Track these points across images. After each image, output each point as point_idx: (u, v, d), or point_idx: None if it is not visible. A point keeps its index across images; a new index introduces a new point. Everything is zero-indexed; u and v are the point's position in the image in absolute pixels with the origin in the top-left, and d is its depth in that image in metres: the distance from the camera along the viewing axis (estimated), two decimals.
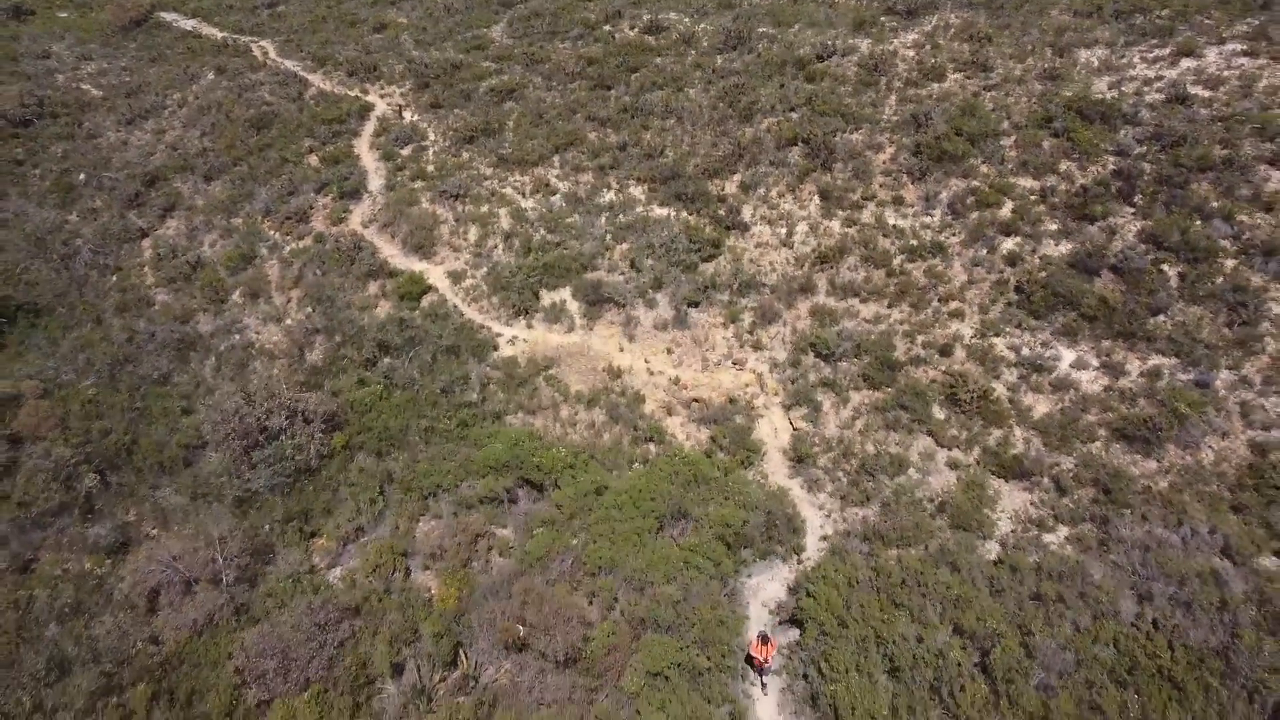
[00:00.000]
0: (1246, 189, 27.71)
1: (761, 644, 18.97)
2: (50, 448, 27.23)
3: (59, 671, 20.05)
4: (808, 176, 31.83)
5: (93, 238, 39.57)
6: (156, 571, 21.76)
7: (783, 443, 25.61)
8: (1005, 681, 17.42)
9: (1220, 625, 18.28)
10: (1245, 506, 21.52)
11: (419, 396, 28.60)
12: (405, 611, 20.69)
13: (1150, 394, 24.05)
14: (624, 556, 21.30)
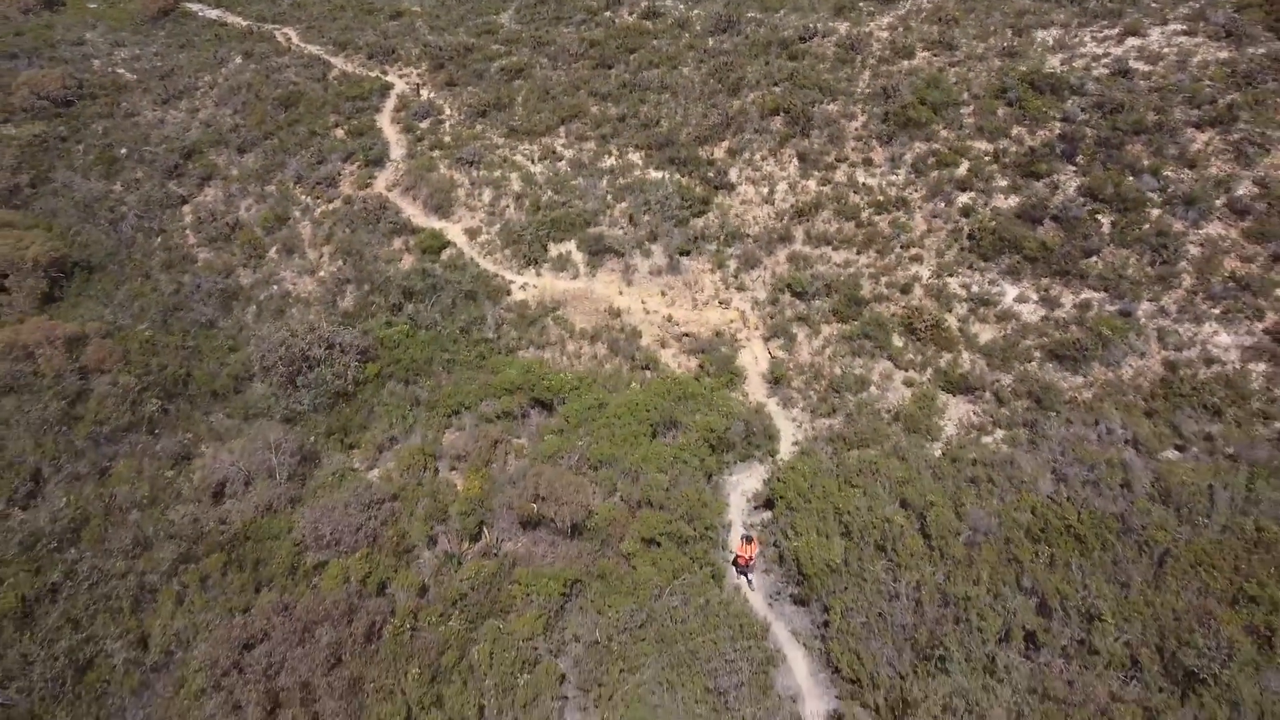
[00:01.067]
0: (1174, 149, 31.10)
1: (745, 544, 21.72)
2: (116, 378, 30.61)
3: (142, 547, 23.48)
4: (788, 142, 35.22)
5: (137, 205, 42.98)
6: (221, 469, 25.18)
7: (762, 368, 29.03)
8: (938, 538, 20.84)
9: (1121, 497, 21.71)
10: (1156, 412, 24.96)
11: (441, 335, 32.01)
12: (435, 497, 24.10)
13: (1080, 322, 27.47)
14: (622, 454, 24.71)
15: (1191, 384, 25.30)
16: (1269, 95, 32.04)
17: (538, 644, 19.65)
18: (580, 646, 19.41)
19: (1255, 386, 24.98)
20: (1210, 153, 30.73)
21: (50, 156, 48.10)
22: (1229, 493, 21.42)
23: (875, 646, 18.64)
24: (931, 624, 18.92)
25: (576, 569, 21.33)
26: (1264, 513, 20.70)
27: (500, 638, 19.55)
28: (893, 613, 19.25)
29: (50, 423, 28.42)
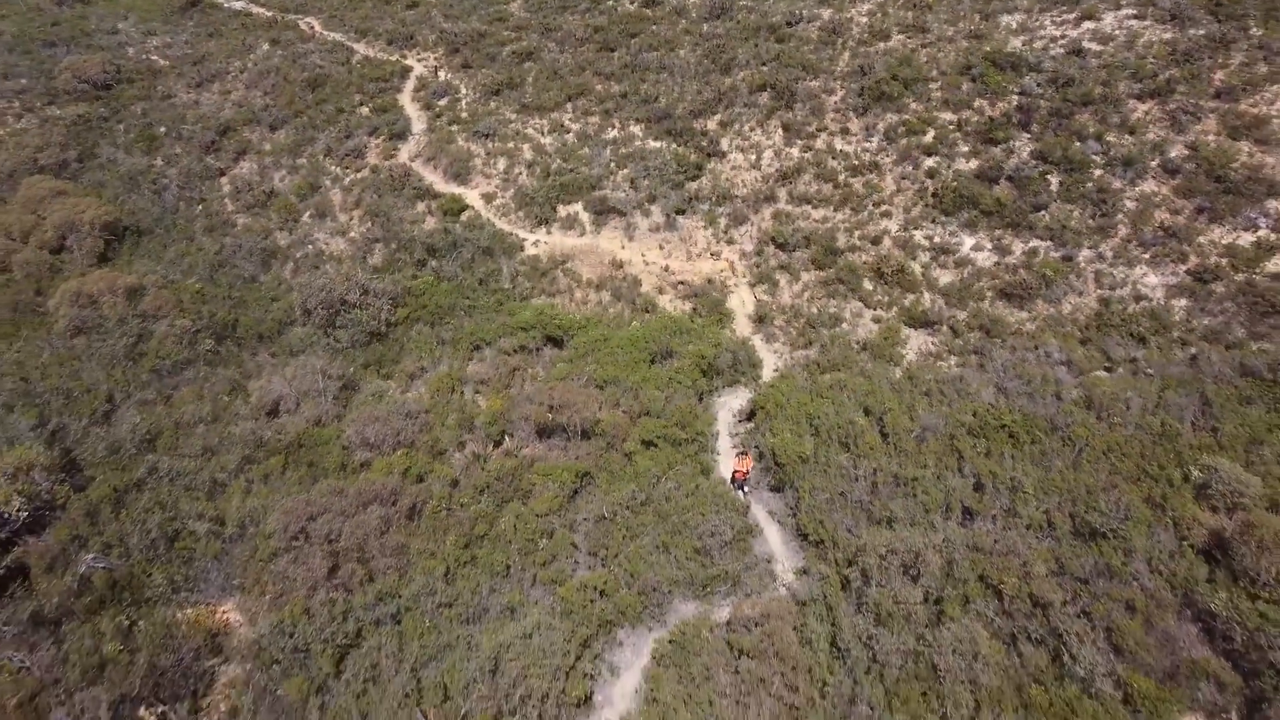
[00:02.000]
0: (1117, 118, 34.57)
1: (741, 459, 24.70)
2: (173, 321, 34.08)
3: (211, 453, 26.97)
4: (774, 114, 38.68)
5: (178, 177, 46.47)
6: (275, 390, 28.68)
7: (748, 310, 32.51)
8: (894, 436, 24.32)
9: (1052, 404, 25.20)
10: (1089, 340, 28.46)
11: (462, 285, 35.50)
12: (463, 412, 27.57)
13: (1028, 266, 30.96)
14: (624, 376, 28.19)
15: (1121, 317, 28.81)
16: (1204, 70, 35.50)
17: (554, 520, 23.15)
18: (589, 521, 22.91)
19: (1176, 318, 28.49)
20: (1148, 121, 34.20)
21: (94, 135, 51.59)
22: (1142, 400, 24.95)
23: (836, 517, 22.13)
24: (884, 499, 22.43)
25: (586, 464, 24.81)
26: (1169, 414, 24.21)
27: (522, 514, 23.06)
28: (852, 491, 22.76)
29: (118, 358, 31.95)
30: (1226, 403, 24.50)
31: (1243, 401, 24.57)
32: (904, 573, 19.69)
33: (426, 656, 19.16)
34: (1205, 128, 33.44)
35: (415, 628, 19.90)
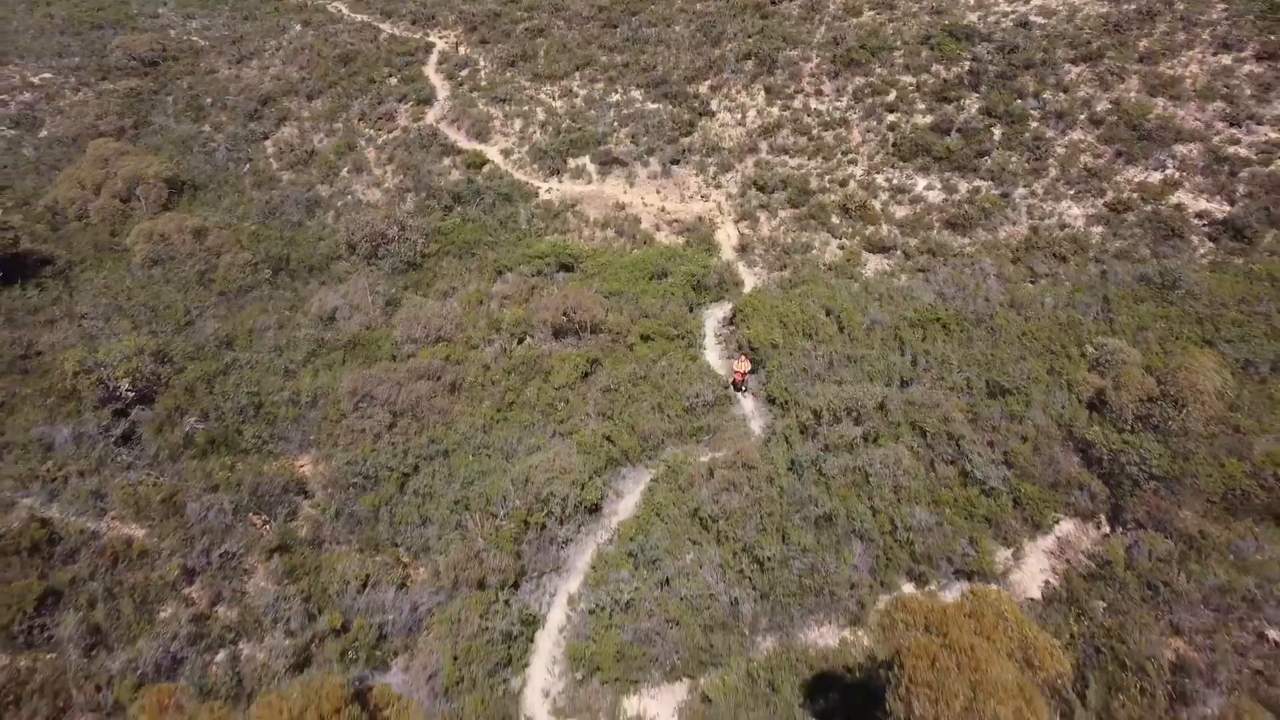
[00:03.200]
0: (1053, 79, 39.40)
1: (739, 361, 29.26)
2: (235, 255, 38.91)
3: (281, 349, 31.79)
4: (757, 79, 43.49)
5: (226, 140, 51.29)
6: (332, 301, 33.53)
7: (733, 242, 37.36)
8: (848, 327, 29.18)
9: (981, 304, 30.03)
10: (1019, 259, 33.31)
11: (485, 226, 40.31)
12: (490, 317, 32.42)
13: (971, 202, 35.80)
14: (626, 289, 33.03)
15: (1047, 241, 33.68)
16: (1131, 39, 40.36)
17: (568, 392, 28.01)
18: (598, 391, 27.78)
19: (1093, 241, 33.36)
20: (1080, 81, 39.04)
21: (145, 106, 56.39)
22: (1054, 300, 29.83)
23: (798, 385, 26.99)
24: (837, 371, 27.28)
25: (595, 352, 29.67)
26: (1075, 310, 29.09)
27: (543, 388, 27.94)
28: (812, 367, 27.62)
29: (190, 283, 36.79)
30: (1123, 301, 29.41)
31: (1137, 300, 29.48)
32: (848, 416, 24.57)
33: (471, 478, 24.04)
34: (1128, 86, 38.28)
35: (461, 461, 24.80)
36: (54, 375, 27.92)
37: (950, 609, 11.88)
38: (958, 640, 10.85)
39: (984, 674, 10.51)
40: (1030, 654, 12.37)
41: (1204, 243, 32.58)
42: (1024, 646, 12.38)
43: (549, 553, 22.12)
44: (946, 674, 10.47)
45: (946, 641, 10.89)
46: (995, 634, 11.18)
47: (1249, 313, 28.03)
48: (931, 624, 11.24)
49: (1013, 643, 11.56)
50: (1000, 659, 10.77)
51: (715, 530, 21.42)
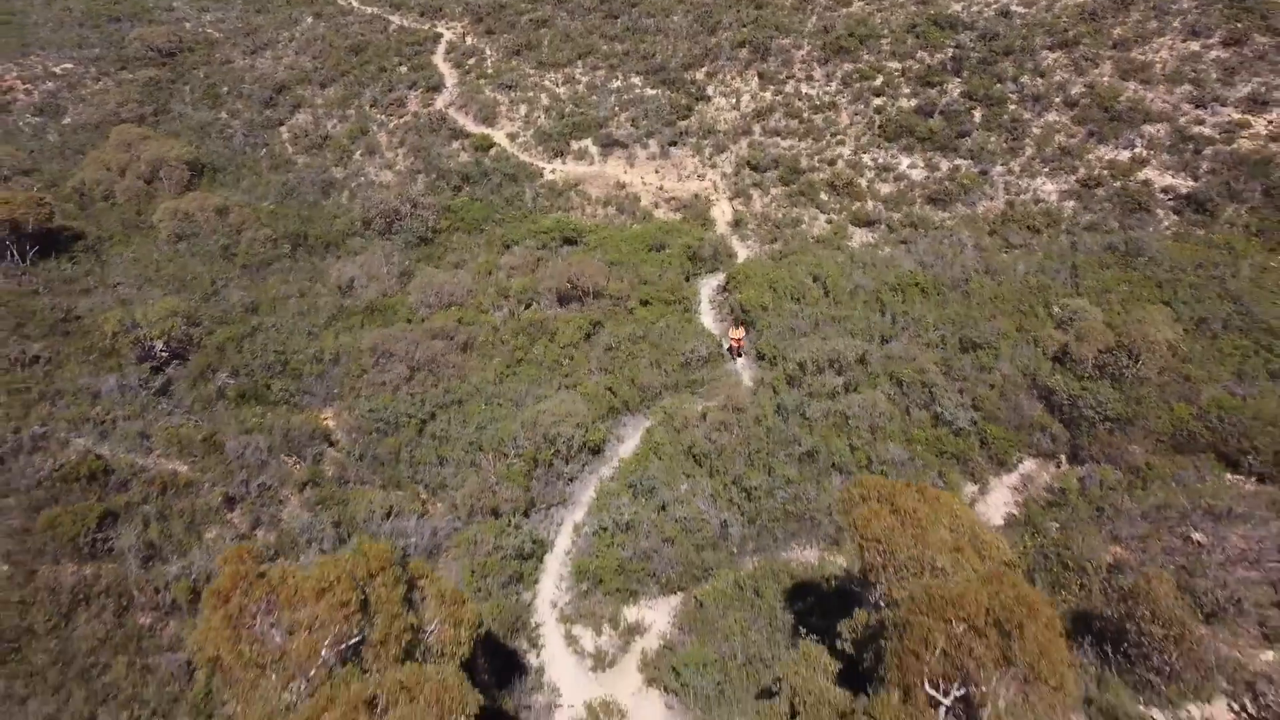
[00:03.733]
0: (1031, 64, 41.32)
1: (736, 328, 31.22)
2: (256, 231, 40.86)
3: (303, 314, 33.75)
4: (751, 66, 45.43)
5: (242, 126, 53.22)
6: (350, 271, 35.51)
7: (727, 218, 39.33)
8: (833, 292, 31.16)
9: (958, 270, 32.00)
10: (995, 231, 35.29)
11: (492, 204, 42.28)
12: (499, 286, 34.39)
13: (952, 179, 37.76)
14: (627, 259, 35.01)
15: (1022, 214, 35.64)
16: (1105, 26, 42.28)
17: (573, 350, 30.00)
18: (600, 349, 29.77)
19: (1065, 215, 35.33)
20: (1056, 66, 40.98)
21: (164, 94, 58.26)
22: (1026, 267, 31.80)
23: (785, 342, 28.97)
24: (822, 330, 29.25)
25: (597, 315, 31.66)
26: (1044, 276, 31.05)
27: (549, 347, 29.93)
28: (798, 326, 29.61)
29: (214, 256, 38.76)
30: (1089, 268, 31.38)
31: (1102, 267, 31.44)
32: (831, 367, 26.55)
33: (484, 423, 26.03)
34: (1102, 71, 40.22)
35: (475, 409, 26.80)
36: (94, 335, 29.86)
37: (898, 484, 13.84)
38: (904, 505, 12.78)
39: (925, 532, 12.43)
40: (978, 544, 14.32)
41: (1168, 215, 34.55)
42: (973, 538, 14.32)
43: (556, 487, 24.12)
44: (893, 531, 12.40)
45: (894, 507, 12.83)
46: (937, 507, 13.12)
47: (1205, 277, 30.00)
48: (883, 495, 13.17)
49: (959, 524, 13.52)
50: (940, 525, 12.73)
51: (708, 465, 23.42)
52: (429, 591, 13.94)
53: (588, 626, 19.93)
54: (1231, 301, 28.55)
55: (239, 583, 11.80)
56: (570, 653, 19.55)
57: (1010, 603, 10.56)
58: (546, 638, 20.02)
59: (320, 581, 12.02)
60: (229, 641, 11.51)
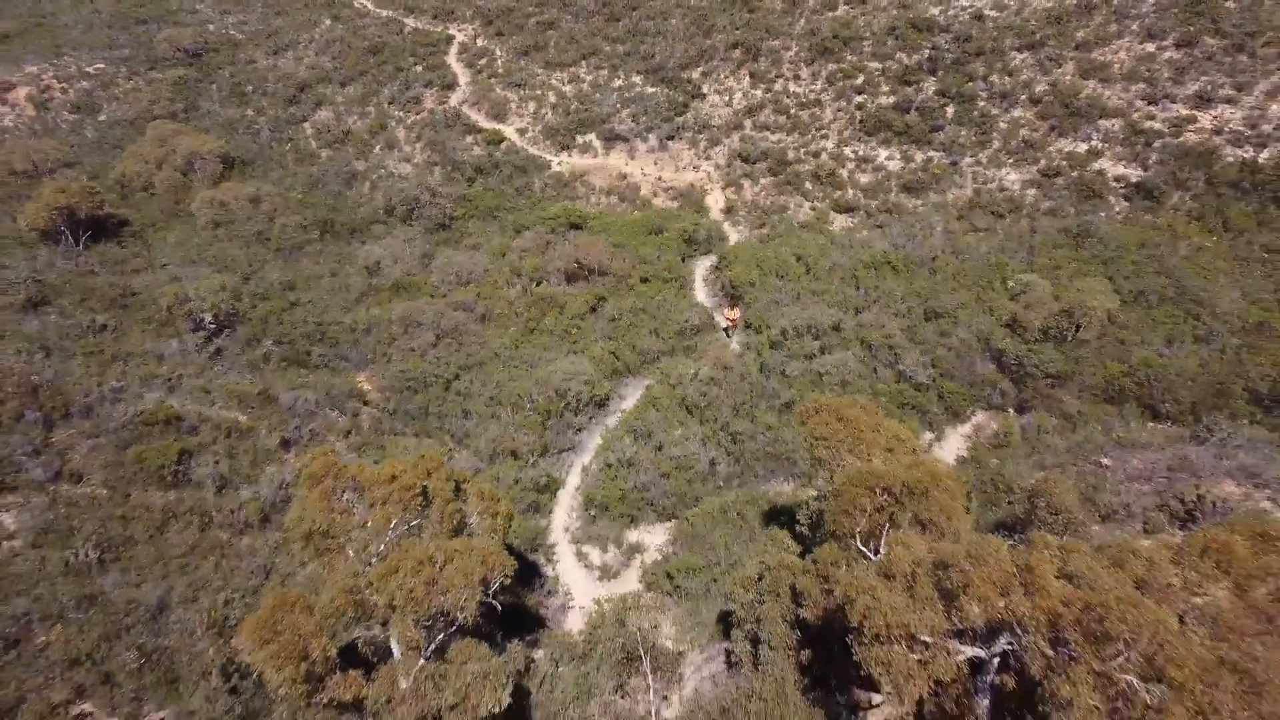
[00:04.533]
0: (1000, 64, 44.58)
1: (731, 308, 34.54)
2: (288, 217, 44.16)
3: (335, 292, 37.07)
4: (743, 66, 48.70)
5: (268, 123, 56.49)
6: (376, 253, 38.81)
7: (720, 205, 42.63)
8: (813, 269, 34.46)
9: (927, 250, 35.30)
10: (964, 216, 38.56)
11: (504, 194, 45.56)
12: (512, 266, 37.68)
13: (925, 170, 41.04)
14: (628, 241, 38.31)
15: (988, 201, 38.92)
16: (1070, 29, 45.50)
17: (580, 321, 33.31)
18: (605, 320, 33.08)
19: (1027, 201, 38.59)
20: (1023, 66, 44.23)
21: (193, 92, 61.50)
22: (988, 247, 35.10)
23: (769, 313, 32.28)
24: (803, 302, 32.56)
25: (602, 291, 34.98)
26: (1003, 255, 34.36)
27: (559, 318, 33.25)
28: (781, 299, 32.91)
29: (250, 241, 42.03)
30: (1044, 248, 34.69)
31: (1056, 247, 34.76)
32: (808, 333, 29.87)
33: (502, 382, 29.36)
34: (1065, 70, 43.48)
35: (494, 370, 30.14)
36: (151, 308, 33.16)
37: (844, 401, 17.12)
38: (847, 415, 16.01)
39: (863, 433, 15.69)
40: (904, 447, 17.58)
41: (1119, 202, 37.85)
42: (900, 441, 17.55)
43: (566, 435, 27.45)
44: (836, 432, 15.64)
45: (839, 416, 16.07)
46: (874, 419, 16.37)
47: (1146, 256, 33.32)
48: (831, 408, 16.41)
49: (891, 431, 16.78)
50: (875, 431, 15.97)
51: (699, 414, 26.76)
52: (471, 491, 17.26)
53: (595, 546, 23.25)
54: (1167, 277, 31.87)
55: (329, 469, 15.12)
56: (580, 566, 22.89)
57: (922, 476, 13.88)
58: (560, 555, 23.37)
59: (391, 470, 15.36)
60: (323, 512, 14.84)
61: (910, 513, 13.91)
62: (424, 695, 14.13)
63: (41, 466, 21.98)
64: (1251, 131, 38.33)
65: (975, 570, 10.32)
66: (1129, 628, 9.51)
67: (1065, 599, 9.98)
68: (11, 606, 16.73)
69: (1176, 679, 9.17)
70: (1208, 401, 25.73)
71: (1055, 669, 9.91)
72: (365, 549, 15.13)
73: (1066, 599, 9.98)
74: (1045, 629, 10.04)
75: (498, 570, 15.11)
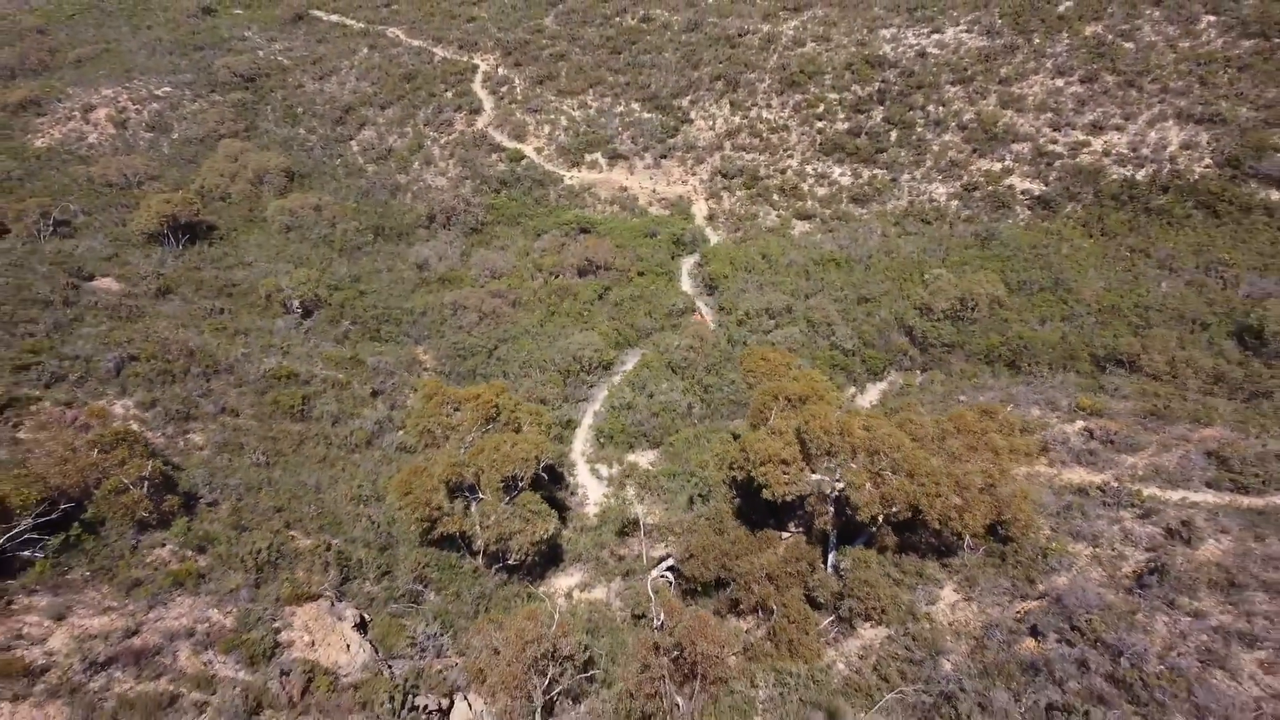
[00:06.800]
0: (936, 96, 53.17)
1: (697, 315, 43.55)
2: (347, 223, 52.76)
3: (392, 285, 45.69)
4: (724, 95, 57.30)
5: (319, 141, 65.13)
6: (423, 253, 47.45)
7: (704, 213, 51.25)
8: (775, 264, 43.05)
9: (865, 251, 43.89)
10: (899, 222, 47.17)
11: (524, 203, 54.19)
12: (534, 263, 46.28)
13: (870, 184, 49.64)
14: (628, 243, 46.95)
15: (919, 210, 47.53)
16: (995, 66, 54.07)
17: (589, 306, 41.92)
18: (609, 305, 41.72)
19: (950, 210, 47.21)
20: (955, 98, 52.81)
21: (251, 113, 70.14)
22: (913, 247, 43.71)
23: (737, 299, 40.86)
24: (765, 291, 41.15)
25: (607, 283, 43.60)
26: (924, 254, 42.95)
27: (573, 304, 41.89)
28: (746, 288, 41.50)
29: (317, 243, 50.61)
30: (956, 248, 43.28)
31: (966, 248, 43.35)
32: (766, 314, 38.49)
33: (532, 351, 37.98)
34: (988, 101, 52.07)
35: (524, 343, 38.74)
36: (252, 296, 41.75)
37: (770, 349, 25.70)
38: (770, 357, 24.46)
39: (778, 369, 24.12)
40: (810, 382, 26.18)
41: (1024, 211, 46.45)
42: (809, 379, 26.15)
43: (581, 390, 36.06)
44: (760, 367, 24.05)
45: (764, 358, 24.48)
46: (789, 360, 24.82)
47: (1035, 254, 41.87)
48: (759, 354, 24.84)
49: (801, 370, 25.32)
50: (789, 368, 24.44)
51: (681, 373, 35.39)
52: (522, 409, 25.90)
53: (603, 464, 31.85)
54: (1048, 270, 40.44)
55: (438, 389, 23.77)
56: (593, 477, 31.51)
57: (808, 388, 22.50)
58: (578, 470, 31.99)
59: (476, 392, 24.01)
60: (435, 415, 23.48)
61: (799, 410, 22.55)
62: (501, 523, 22.80)
63: (211, 404, 30.64)
64: (1133, 154, 46.91)
65: (814, 423, 18.96)
66: (887, 448, 18.17)
67: (860, 436, 18.63)
68: (229, 480, 25.34)
69: (908, 469, 17.83)
70: (1061, 363, 34.30)
71: (854, 478, 18.55)
72: (461, 439, 23.79)
73: (860, 436, 18.63)
74: (849, 453, 18.70)
75: (544, 451, 23.79)
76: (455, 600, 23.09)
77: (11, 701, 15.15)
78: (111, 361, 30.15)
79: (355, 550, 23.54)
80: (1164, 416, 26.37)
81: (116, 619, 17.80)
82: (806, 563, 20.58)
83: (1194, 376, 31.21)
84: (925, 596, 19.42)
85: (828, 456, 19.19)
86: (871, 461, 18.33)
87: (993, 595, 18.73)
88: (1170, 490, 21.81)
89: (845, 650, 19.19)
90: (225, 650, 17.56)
